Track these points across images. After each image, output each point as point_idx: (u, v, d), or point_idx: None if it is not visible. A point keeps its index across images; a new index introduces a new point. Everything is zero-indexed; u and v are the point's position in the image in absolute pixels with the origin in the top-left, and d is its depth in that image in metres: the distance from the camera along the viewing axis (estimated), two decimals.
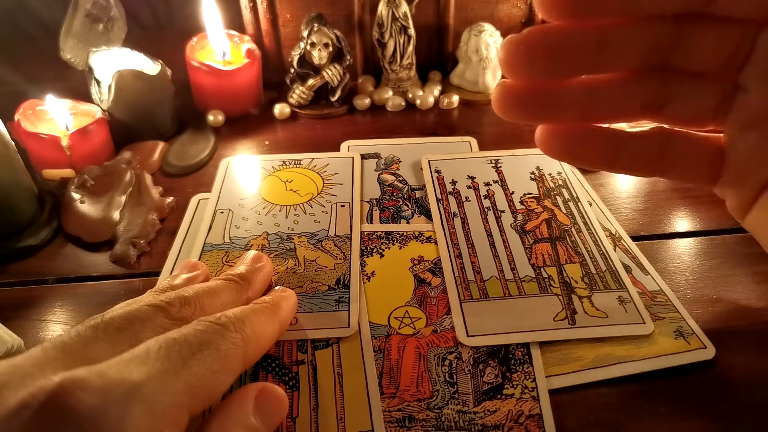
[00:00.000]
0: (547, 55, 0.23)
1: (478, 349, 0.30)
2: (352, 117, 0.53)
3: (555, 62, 0.23)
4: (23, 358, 0.20)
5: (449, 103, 0.53)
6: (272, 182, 0.43)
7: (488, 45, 0.51)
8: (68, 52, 0.51)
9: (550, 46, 0.22)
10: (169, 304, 0.25)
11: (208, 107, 0.51)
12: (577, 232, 0.38)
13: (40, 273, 0.37)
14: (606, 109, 0.25)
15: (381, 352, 0.30)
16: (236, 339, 0.24)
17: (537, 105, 0.24)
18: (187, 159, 0.47)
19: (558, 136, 0.26)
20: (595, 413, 0.28)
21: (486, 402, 0.28)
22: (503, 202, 0.40)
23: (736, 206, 0.28)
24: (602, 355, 0.30)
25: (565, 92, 0.24)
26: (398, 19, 0.50)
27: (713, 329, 0.31)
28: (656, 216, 0.40)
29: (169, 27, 0.67)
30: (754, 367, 0.30)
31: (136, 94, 0.47)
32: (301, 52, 0.50)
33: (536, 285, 0.34)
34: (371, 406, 0.28)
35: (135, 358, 0.21)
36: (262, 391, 0.24)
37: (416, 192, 0.42)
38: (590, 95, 0.24)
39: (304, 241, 0.37)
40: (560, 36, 0.22)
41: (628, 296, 0.33)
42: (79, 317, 0.34)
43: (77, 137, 0.43)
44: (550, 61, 0.23)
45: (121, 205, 0.41)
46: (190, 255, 0.37)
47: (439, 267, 0.35)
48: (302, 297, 0.33)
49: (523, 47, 0.22)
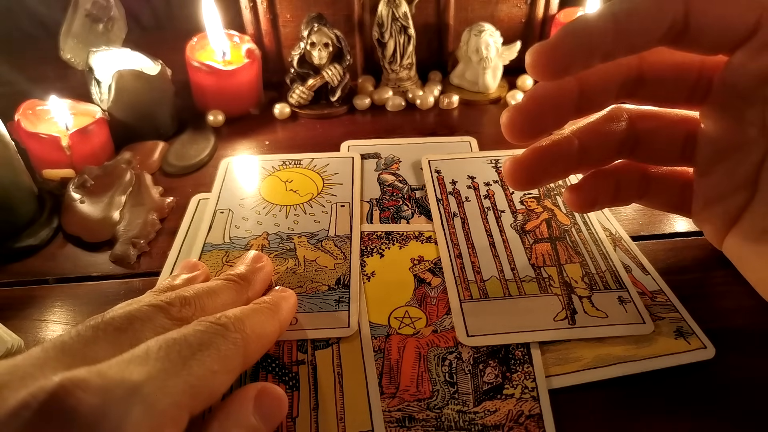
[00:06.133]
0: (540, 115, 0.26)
1: (478, 349, 0.30)
2: (352, 117, 0.53)
3: (545, 119, 0.26)
4: (23, 358, 0.20)
5: (449, 103, 0.53)
6: (272, 182, 0.43)
7: (488, 45, 0.51)
8: (68, 52, 0.51)
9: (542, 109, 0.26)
10: (169, 305, 0.25)
11: (208, 107, 0.51)
12: (577, 232, 0.38)
13: (40, 273, 0.37)
14: (591, 158, 0.28)
15: (381, 352, 0.30)
16: (236, 339, 0.24)
17: (540, 169, 0.27)
18: (187, 159, 0.47)
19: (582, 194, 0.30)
20: (595, 413, 0.28)
21: (486, 402, 0.28)
22: (503, 202, 0.40)
23: (712, 235, 0.29)
24: (602, 355, 0.30)
25: (561, 152, 0.27)
26: (398, 19, 0.50)
27: (713, 329, 0.31)
28: (656, 216, 0.40)
29: (169, 27, 0.67)
30: (754, 367, 0.30)
31: (136, 94, 0.47)
32: (301, 52, 0.50)
33: (536, 285, 0.34)
34: (371, 406, 0.28)
35: (135, 359, 0.21)
36: (262, 391, 0.24)
37: (416, 192, 0.42)
38: (582, 151, 0.27)
39: (304, 241, 0.37)
40: (547, 98, 0.25)
41: (628, 296, 0.33)
42: (79, 317, 0.34)
43: (77, 137, 0.43)
44: (543, 118, 0.26)
45: (121, 205, 0.41)
46: (190, 255, 0.37)
47: (439, 267, 0.35)
48: (302, 297, 0.33)
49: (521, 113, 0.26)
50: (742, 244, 0.27)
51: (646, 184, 0.30)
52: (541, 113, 0.25)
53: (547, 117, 0.25)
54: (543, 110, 0.25)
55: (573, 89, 0.25)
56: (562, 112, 0.25)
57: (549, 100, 0.25)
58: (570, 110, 0.26)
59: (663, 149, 0.28)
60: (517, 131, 0.25)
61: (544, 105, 0.25)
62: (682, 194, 0.29)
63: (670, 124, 0.27)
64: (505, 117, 0.25)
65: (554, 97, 0.25)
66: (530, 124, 0.25)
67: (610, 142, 0.27)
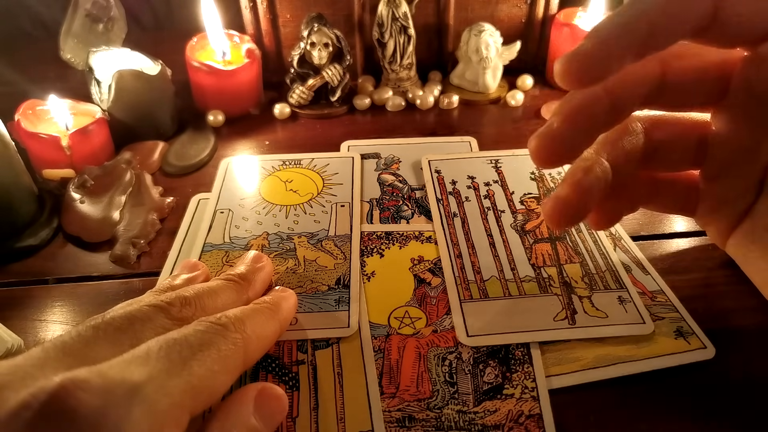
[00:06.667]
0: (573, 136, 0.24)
1: (478, 349, 0.30)
2: (352, 117, 0.53)
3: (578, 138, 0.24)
4: (24, 358, 0.20)
5: (449, 103, 0.53)
6: (272, 182, 0.43)
7: (488, 45, 0.51)
8: (68, 52, 0.51)
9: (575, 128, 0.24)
10: (169, 305, 0.25)
11: (208, 107, 0.51)
12: (577, 232, 0.38)
13: (40, 273, 0.37)
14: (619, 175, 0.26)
15: (381, 352, 0.30)
16: (237, 339, 0.24)
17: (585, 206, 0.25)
18: (187, 159, 0.47)
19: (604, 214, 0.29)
20: (595, 413, 0.28)
21: (486, 402, 0.28)
22: (503, 202, 0.40)
23: (716, 236, 0.29)
24: (602, 355, 0.30)
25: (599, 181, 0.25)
26: (398, 19, 0.50)
27: (713, 329, 0.31)
28: (656, 216, 0.40)
29: (169, 27, 0.67)
30: (754, 367, 0.30)
31: (136, 94, 0.47)
32: (301, 52, 0.50)
33: (536, 285, 0.34)
34: (371, 406, 0.28)
35: (136, 359, 0.21)
36: (262, 391, 0.24)
37: (416, 192, 0.42)
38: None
39: (304, 241, 0.37)
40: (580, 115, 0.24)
41: (628, 296, 0.33)
42: (79, 317, 0.34)
43: (77, 137, 0.43)
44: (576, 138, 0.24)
45: (121, 205, 0.41)
46: (190, 255, 0.37)
47: (439, 267, 0.35)
48: (302, 297, 0.33)
49: None
50: (747, 244, 0.26)
51: (655, 190, 0.29)
52: (573, 134, 0.23)
53: (579, 136, 0.24)
54: (575, 129, 0.23)
55: (604, 101, 0.23)
56: (595, 128, 0.24)
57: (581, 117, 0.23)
58: (602, 124, 0.24)
59: (679, 156, 0.27)
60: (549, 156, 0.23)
61: (576, 123, 0.23)
62: (687, 196, 0.29)
63: (684, 131, 0.27)
64: (534, 144, 0.24)
65: (586, 112, 0.23)
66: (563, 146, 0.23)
67: (634, 157, 0.26)
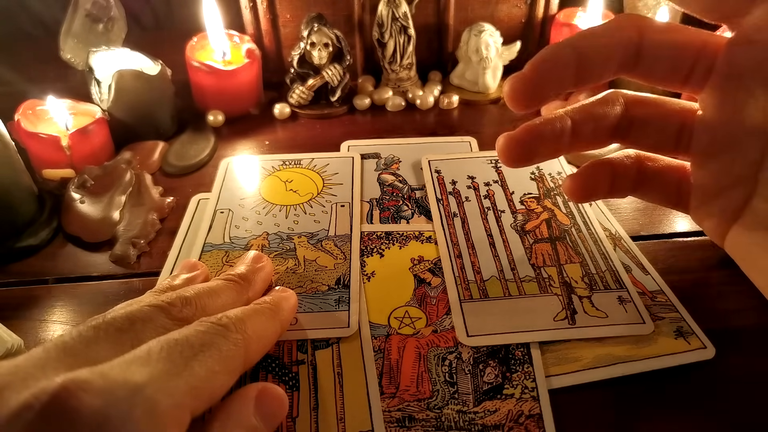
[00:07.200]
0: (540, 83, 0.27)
1: (478, 349, 0.30)
2: (352, 117, 0.53)
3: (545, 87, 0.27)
4: (24, 358, 0.20)
5: (449, 103, 0.53)
6: (272, 182, 0.43)
7: (488, 45, 0.51)
8: (68, 52, 0.51)
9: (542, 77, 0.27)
10: (170, 305, 0.25)
11: (208, 107, 0.51)
12: (577, 232, 0.38)
13: (40, 273, 0.37)
14: (584, 138, 0.28)
15: (381, 352, 0.30)
16: (237, 339, 0.24)
17: (533, 145, 0.28)
18: (187, 159, 0.47)
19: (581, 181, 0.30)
20: (595, 413, 0.28)
21: (486, 402, 0.28)
22: (503, 202, 0.40)
23: (712, 232, 0.28)
24: (602, 355, 0.30)
25: (554, 130, 0.28)
26: (398, 19, 0.50)
27: (713, 329, 0.31)
28: (656, 216, 0.40)
29: (169, 27, 0.67)
30: (754, 367, 0.30)
31: (136, 94, 0.47)
32: (301, 52, 0.50)
33: (536, 285, 0.34)
34: (371, 406, 0.28)
35: (137, 359, 0.21)
36: (262, 391, 0.24)
37: (416, 192, 0.42)
38: (575, 130, 0.28)
39: (304, 241, 0.37)
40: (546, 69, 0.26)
41: (628, 296, 0.33)
42: (79, 317, 0.34)
43: (77, 137, 0.43)
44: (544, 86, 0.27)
45: (121, 205, 0.41)
46: (190, 255, 0.37)
47: (439, 267, 0.35)
48: (302, 297, 0.33)
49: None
50: (746, 242, 0.26)
51: (642, 176, 0.30)
52: (540, 82, 0.26)
53: (547, 85, 0.27)
54: (543, 78, 0.26)
55: (570, 62, 0.26)
56: (561, 82, 0.27)
57: (547, 71, 0.26)
58: (568, 80, 0.27)
59: (656, 136, 0.28)
60: (519, 97, 0.26)
61: (543, 74, 0.26)
62: (678, 189, 0.29)
63: (665, 114, 0.28)
64: (508, 84, 0.27)
65: (552, 68, 0.26)
66: (532, 90, 0.26)
67: (603, 123, 0.28)
